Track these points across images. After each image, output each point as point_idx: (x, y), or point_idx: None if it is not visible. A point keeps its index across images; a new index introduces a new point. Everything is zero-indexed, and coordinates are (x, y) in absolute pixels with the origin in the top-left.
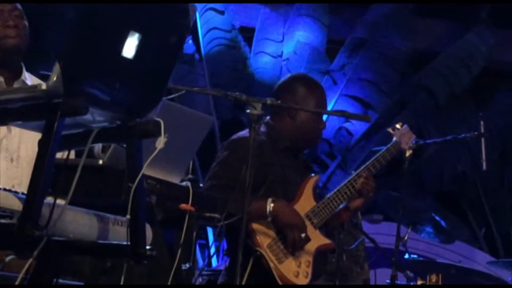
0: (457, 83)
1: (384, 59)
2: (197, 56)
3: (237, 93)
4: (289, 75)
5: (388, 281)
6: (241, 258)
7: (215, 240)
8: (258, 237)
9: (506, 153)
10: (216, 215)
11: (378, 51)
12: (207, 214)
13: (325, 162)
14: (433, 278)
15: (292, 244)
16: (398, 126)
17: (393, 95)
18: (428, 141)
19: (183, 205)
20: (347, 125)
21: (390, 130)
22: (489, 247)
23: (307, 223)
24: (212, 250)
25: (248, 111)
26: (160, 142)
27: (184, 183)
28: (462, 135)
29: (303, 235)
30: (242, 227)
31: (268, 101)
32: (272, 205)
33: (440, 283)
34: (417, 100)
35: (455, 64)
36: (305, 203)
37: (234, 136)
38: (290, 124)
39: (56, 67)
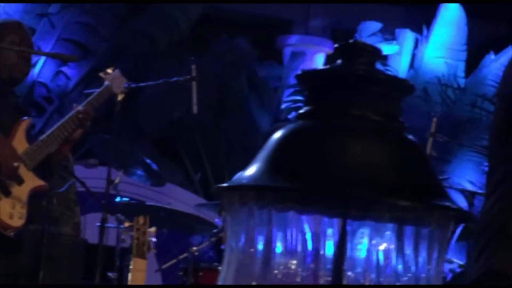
0: (176, 29)
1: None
2: None
3: None
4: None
5: (99, 224)
6: None
7: None
8: None
9: (223, 98)
10: None
11: None
12: None
13: (42, 106)
14: (141, 220)
15: (5, 173)
16: (109, 70)
17: (111, 39)
18: (140, 84)
19: None
20: (64, 69)
21: (101, 74)
22: (205, 191)
23: (21, 165)
24: None
25: None
26: None
27: None
28: (174, 78)
29: (16, 164)
30: None
31: None
32: None
33: (147, 224)
34: (136, 45)
35: (175, 10)
36: (17, 146)
37: None
38: None
39: None
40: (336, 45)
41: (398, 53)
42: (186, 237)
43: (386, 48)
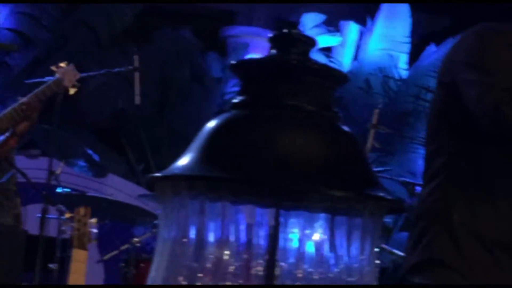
0: (119, 20)
1: None
2: None
3: None
4: None
5: (40, 215)
6: None
7: None
8: None
9: (166, 89)
10: None
11: None
12: None
13: None
14: (82, 211)
15: None
16: (62, 64)
17: (54, 30)
18: (82, 74)
19: None
20: (6, 58)
21: (53, 67)
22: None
23: None
24: None
25: None
26: None
27: None
28: (116, 69)
29: None
30: None
31: None
32: None
33: (88, 215)
34: (79, 36)
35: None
36: None
37: None
38: None
39: None
40: (270, 35)
41: (342, 45)
42: (128, 228)
43: (330, 40)
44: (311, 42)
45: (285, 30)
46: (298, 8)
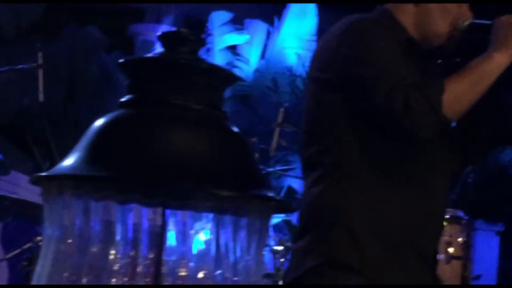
0: (25, 15)
1: None
2: None
3: None
4: None
5: None
6: None
7: None
8: None
9: (74, 86)
10: None
11: None
12: None
13: None
14: None
15: None
16: None
17: None
18: None
19: None
20: None
21: None
22: None
23: None
24: None
25: None
26: None
27: None
28: (20, 66)
29: None
30: None
31: None
32: None
33: None
34: None
35: None
36: None
37: None
38: None
39: None
40: (159, 34)
41: (249, 43)
42: (33, 227)
43: (237, 38)
44: (200, 42)
45: (173, 29)
46: (206, 6)
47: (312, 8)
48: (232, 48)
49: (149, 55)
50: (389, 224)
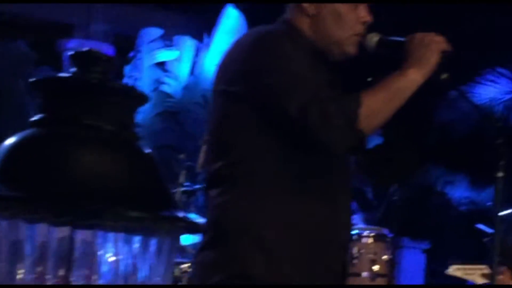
0: None
1: None
2: None
3: None
4: None
5: None
6: None
7: None
8: None
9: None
10: None
11: None
12: None
13: None
14: None
15: None
16: None
17: None
18: None
19: None
20: None
21: None
22: None
23: None
24: None
25: None
26: None
27: None
28: None
29: None
30: None
31: None
32: None
33: None
34: None
35: None
36: None
37: None
38: None
39: None
40: (70, 53)
41: (178, 60)
42: None
43: (167, 54)
44: (112, 62)
45: (85, 49)
46: (136, 22)
47: (242, 25)
48: (161, 65)
49: (60, 74)
50: (297, 237)
